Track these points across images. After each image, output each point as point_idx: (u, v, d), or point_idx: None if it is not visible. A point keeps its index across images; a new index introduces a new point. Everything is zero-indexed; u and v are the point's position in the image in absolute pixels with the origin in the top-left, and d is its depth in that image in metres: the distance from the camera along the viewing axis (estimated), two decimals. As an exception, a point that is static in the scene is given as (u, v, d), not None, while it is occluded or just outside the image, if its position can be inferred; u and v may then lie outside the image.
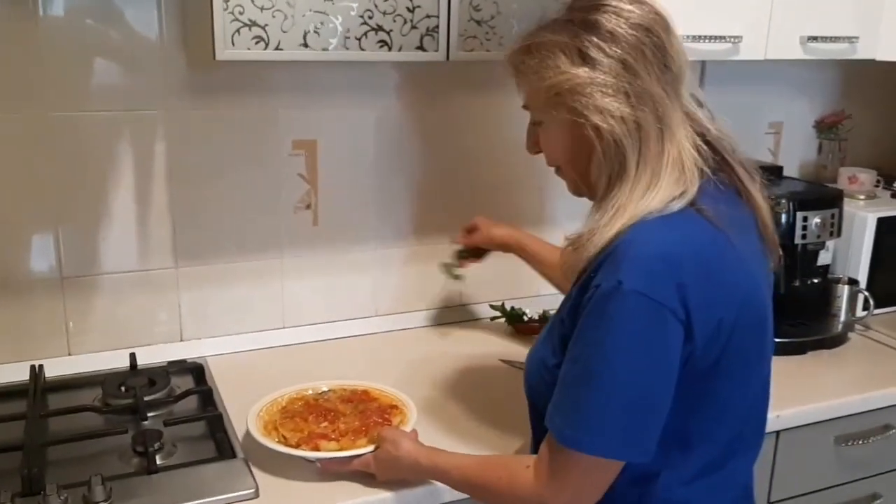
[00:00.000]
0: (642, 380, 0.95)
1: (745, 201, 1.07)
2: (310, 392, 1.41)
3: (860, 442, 1.64)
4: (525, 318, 1.85)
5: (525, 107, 1.12)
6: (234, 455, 1.29)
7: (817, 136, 2.25)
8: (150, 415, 1.38)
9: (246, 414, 1.39)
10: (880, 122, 2.34)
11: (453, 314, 1.91)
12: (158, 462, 1.26)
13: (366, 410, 1.35)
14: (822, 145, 2.25)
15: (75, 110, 1.52)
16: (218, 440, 1.34)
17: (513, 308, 1.87)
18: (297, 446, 1.26)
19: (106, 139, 1.55)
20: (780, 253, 1.13)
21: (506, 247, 1.64)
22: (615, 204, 0.99)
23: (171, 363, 1.61)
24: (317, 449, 1.25)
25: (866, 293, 1.89)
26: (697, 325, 0.96)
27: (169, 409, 1.45)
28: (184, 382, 1.55)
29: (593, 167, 1.03)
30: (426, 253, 1.85)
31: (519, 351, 1.72)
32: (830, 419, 1.60)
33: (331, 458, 1.24)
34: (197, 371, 1.59)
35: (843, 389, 1.64)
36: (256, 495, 1.21)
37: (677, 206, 0.98)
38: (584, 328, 0.98)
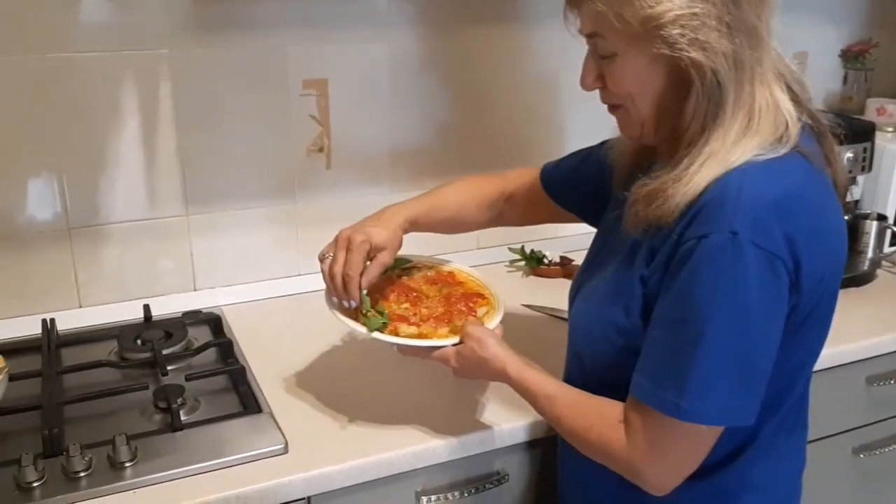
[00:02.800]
0: (756, 339, 0.90)
1: (822, 146, 1.01)
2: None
3: (891, 381, 1.62)
4: (546, 262, 1.80)
5: (590, 35, 0.98)
6: (259, 409, 1.25)
7: (843, 66, 2.17)
8: (170, 369, 1.34)
9: (267, 366, 1.36)
10: (907, 50, 2.26)
11: (470, 258, 1.85)
12: (183, 418, 1.22)
13: (450, 296, 1.26)
14: (847, 75, 2.17)
15: (73, 51, 1.43)
16: (242, 394, 1.30)
17: (532, 251, 1.82)
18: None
19: (107, 81, 1.47)
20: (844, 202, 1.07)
21: (407, 232, 1.28)
22: (709, 150, 0.91)
23: (186, 314, 1.56)
24: (395, 332, 1.17)
25: (894, 228, 1.84)
26: (805, 277, 0.90)
27: (188, 363, 1.41)
28: (201, 334, 1.51)
29: (688, 109, 0.93)
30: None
31: (541, 295, 1.68)
32: (862, 360, 1.57)
33: (410, 346, 1.15)
34: (214, 322, 1.54)
35: (874, 329, 1.60)
36: (286, 450, 1.17)
37: (783, 149, 0.92)
38: (689, 285, 0.90)
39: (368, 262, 1.20)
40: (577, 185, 1.30)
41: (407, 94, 1.71)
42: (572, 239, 1.82)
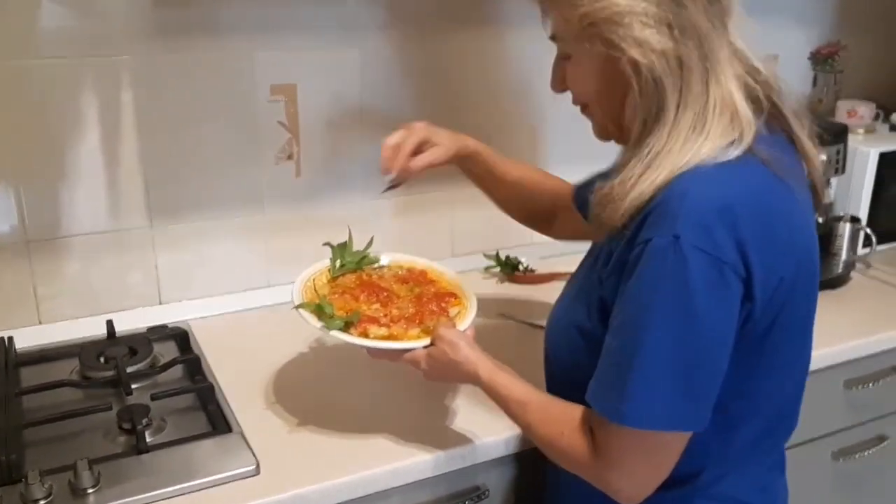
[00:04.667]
0: (700, 344, 0.87)
1: (795, 148, 0.99)
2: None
3: (869, 385, 1.61)
4: (521, 268, 1.77)
5: (553, 38, 1.00)
6: (229, 429, 1.20)
7: (812, 69, 2.17)
8: (134, 387, 1.28)
9: (237, 382, 1.31)
10: (876, 52, 2.26)
11: (444, 265, 1.82)
12: (148, 440, 1.17)
13: (422, 295, 1.23)
14: (817, 78, 2.17)
15: (31, 57, 1.37)
16: (210, 413, 1.25)
17: (508, 257, 1.79)
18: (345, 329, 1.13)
19: (66, 89, 1.41)
20: (823, 203, 1.05)
21: (463, 157, 1.33)
22: (650, 151, 0.90)
23: (151, 329, 1.50)
24: (365, 334, 1.13)
25: (867, 230, 1.84)
26: (759, 284, 0.88)
27: (154, 381, 1.35)
28: (167, 350, 1.45)
29: (627, 107, 0.93)
30: (416, 203, 1.75)
31: (518, 303, 1.65)
32: (839, 364, 1.56)
33: (379, 349, 1.12)
34: (180, 337, 1.49)
35: (851, 332, 1.60)
36: (258, 471, 1.13)
37: (735, 152, 0.89)
38: (633, 289, 0.89)
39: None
40: None
41: (378, 99, 1.67)
42: (548, 245, 1.79)
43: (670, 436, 0.91)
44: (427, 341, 1.11)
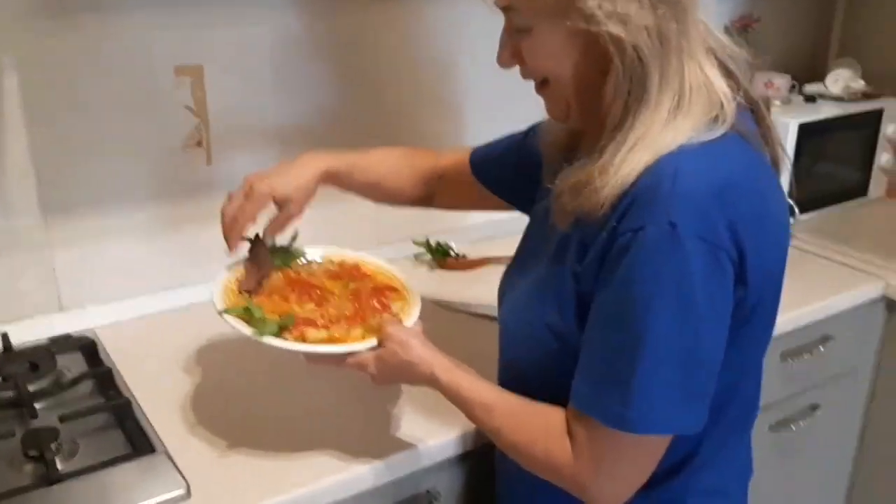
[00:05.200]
0: (702, 337, 0.82)
1: (756, 119, 0.94)
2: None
3: (804, 356, 1.62)
4: (453, 254, 1.70)
5: (505, 8, 0.90)
6: (152, 449, 1.09)
7: (728, 41, 2.17)
8: (39, 408, 1.15)
9: (156, 395, 1.19)
10: (788, 24, 2.29)
11: (376, 257, 1.73)
12: (60, 468, 1.04)
13: (359, 291, 1.13)
14: (732, 50, 2.17)
15: None
16: (129, 431, 1.13)
17: (438, 243, 1.72)
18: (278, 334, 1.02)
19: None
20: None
21: (325, 184, 1.21)
22: (636, 135, 0.83)
23: (53, 340, 1.36)
24: (303, 338, 1.02)
25: (790, 201, 1.84)
26: (751, 268, 0.83)
27: (61, 399, 1.21)
28: (73, 363, 1.31)
29: (608, 88, 0.85)
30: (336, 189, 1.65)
31: (450, 290, 1.57)
32: (777, 336, 1.55)
33: (320, 354, 1.01)
34: (87, 347, 1.35)
35: (785, 304, 1.59)
36: (188, 495, 1.02)
37: (719, 130, 0.84)
38: (625, 282, 0.82)
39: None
40: (507, 171, 1.21)
41: (292, 79, 1.56)
42: (480, 227, 1.73)
43: (665, 438, 0.86)
44: (373, 342, 1.02)
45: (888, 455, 1.83)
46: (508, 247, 1.13)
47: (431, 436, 1.14)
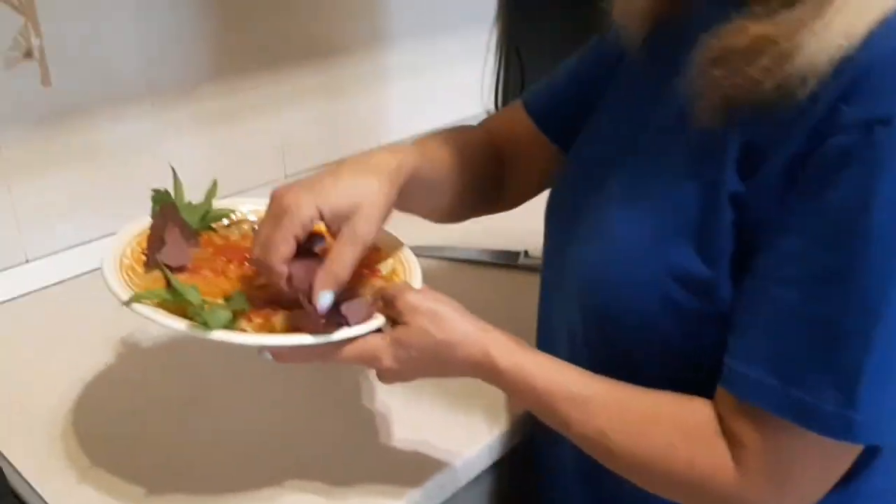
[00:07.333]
0: None
1: None
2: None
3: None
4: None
5: None
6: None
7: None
8: None
9: (22, 429, 0.78)
10: None
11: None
12: None
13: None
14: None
15: None
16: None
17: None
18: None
19: None
20: None
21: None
22: None
23: None
24: (270, 327, 0.65)
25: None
26: None
27: None
28: None
29: None
30: (232, 109, 1.23)
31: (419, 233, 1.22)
32: None
33: (310, 345, 0.63)
34: None
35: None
36: None
37: None
38: (848, 210, 0.53)
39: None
40: (582, 102, 0.81)
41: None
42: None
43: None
44: (382, 320, 0.66)
45: None
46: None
47: (441, 454, 0.81)
